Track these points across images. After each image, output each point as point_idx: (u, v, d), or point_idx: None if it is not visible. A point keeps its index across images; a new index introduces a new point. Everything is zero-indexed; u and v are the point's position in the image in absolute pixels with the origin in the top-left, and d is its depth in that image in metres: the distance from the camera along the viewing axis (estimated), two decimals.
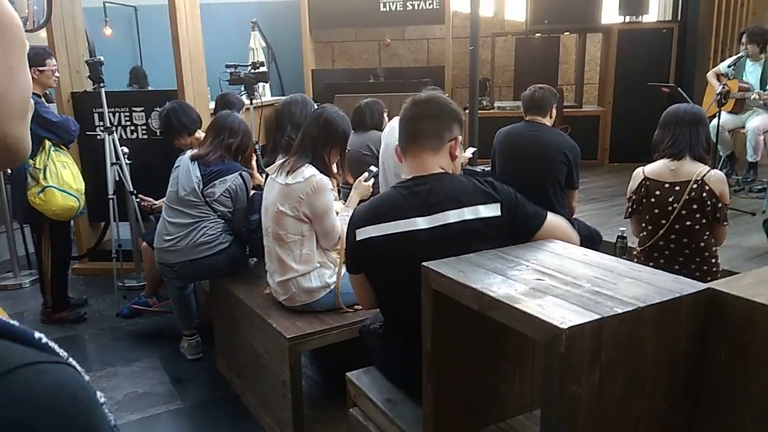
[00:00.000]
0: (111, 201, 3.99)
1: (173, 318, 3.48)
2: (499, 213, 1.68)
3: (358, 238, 1.78)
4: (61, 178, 3.51)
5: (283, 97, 7.39)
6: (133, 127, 4.57)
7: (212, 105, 4.67)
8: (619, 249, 3.10)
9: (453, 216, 1.67)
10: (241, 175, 3.06)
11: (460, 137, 1.81)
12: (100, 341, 3.71)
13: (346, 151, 2.69)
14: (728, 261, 3.47)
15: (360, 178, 2.88)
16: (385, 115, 4.50)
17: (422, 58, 8.08)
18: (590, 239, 3.43)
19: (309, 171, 2.46)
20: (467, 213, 1.67)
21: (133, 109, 4.55)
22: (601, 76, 7.25)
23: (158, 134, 4.35)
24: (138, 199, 3.92)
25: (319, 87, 7.53)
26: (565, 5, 6.73)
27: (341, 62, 8.18)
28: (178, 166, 3.12)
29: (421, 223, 1.68)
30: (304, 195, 2.44)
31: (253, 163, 3.48)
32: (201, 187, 2.99)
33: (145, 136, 4.57)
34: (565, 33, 7.30)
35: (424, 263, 1.54)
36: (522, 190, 1.84)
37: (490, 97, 7.38)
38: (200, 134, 3.52)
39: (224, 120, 3.16)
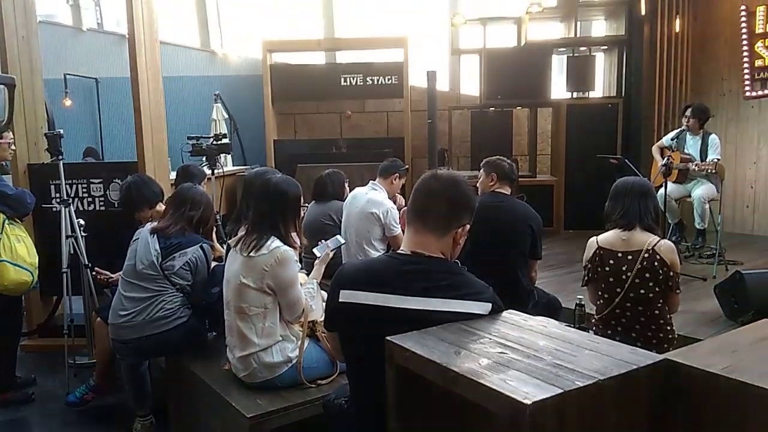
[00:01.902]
0: (65, 274, 3.86)
1: (127, 396, 3.33)
2: (487, 312, 1.67)
3: (341, 299, 1.74)
4: (15, 252, 3.40)
5: (245, 167, 7.52)
6: (90, 199, 4.50)
7: (173, 176, 4.66)
8: (578, 316, 3.15)
9: (444, 305, 1.65)
10: (201, 247, 3.03)
11: (468, 225, 1.78)
12: (49, 425, 3.50)
13: (303, 208, 2.71)
14: (683, 326, 3.57)
15: (327, 249, 2.88)
16: (347, 185, 4.57)
17: (382, 130, 8.31)
18: (550, 307, 3.49)
19: (273, 243, 2.46)
20: (458, 305, 1.65)
21: (91, 180, 4.50)
22: (552, 148, 7.58)
23: (117, 206, 4.30)
24: (93, 273, 3.81)
25: (281, 157, 7.63)
26: (516, 82, 7.10)
27: (303, 133, 8.35)
28: (137, 239, 3.07)
29: (412, 303, 1.65)
30: (269, 267, 2.43)
31: (214, 235, 3.46)
32: (160, 260, 2.94)
33: (103, 208, 4.50)
34: (518, 107, 7.66)
35: (388, 337, 1.55)
36: (488, 260, 1.87)
37: (449, 167, 7.59)
38: (161, 207, 3.49)
39: (185, 192, 3.15)
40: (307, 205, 2.81)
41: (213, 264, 3.14)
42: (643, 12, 6.67)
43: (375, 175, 4.43)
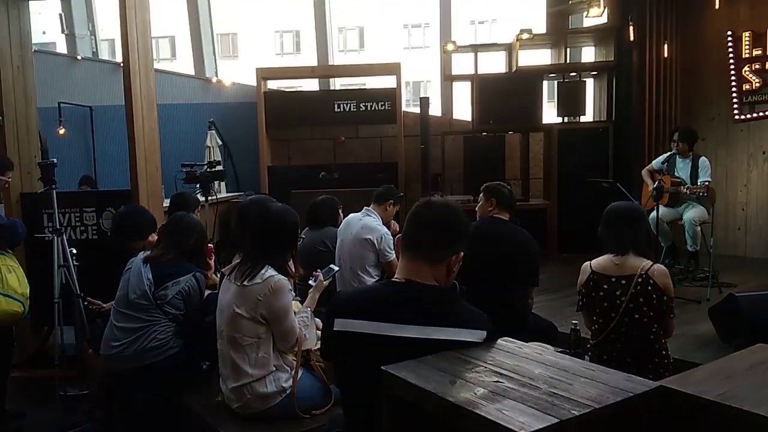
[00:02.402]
0: (56, 304, 3.83)
1: (121, 427, 3.27)
2: (481, 340, 1.67)
3: (335, 328, 1.74)
4: (6, 283, 3.38)
5: (239, 194, 7.53)
6: (83, 228, 4.49)
7: (167, 203, 4.66)
8: (573, 341, 3.13)
9: (438, 333, 1.64)
10: (195, 276, 3.02)
11: (462, 253, 1.78)
12: None
13: (300, 239, 2.71)
14: (678, 350, 3.56)
15: (320, 274, 2.88)
16: (340, 211, 4.58)
17: (376, 155, 8.35)
18: (546, 333, 3.48)
19: (267, 272, 2.45)
20: (452, 333, 1.64)
21: (84, 209, 4.49)
22: (545, 172, 7.63)
23: (109, 234, 4.28)
24: (86, 303, 3.78)
25: (276, 183, 7.65)
26: (508, 108, 7.18)
27: (297, 159, 8.37)
28: (129, 268, 3.06)
29: (406, 331, 1.64)
30: (262, 296, 2.42)
31: (211, 262, 3.44)
32: (152, 289, 2.93)
33: (96, 237, 4.48)
34: (510, 132, 7.73)
35: (383, 367, 1.54)
36: (486, 286, 1.87)
37: (442, 192, 7.62)
38: (154, 237, 3.48)
39: (179, 221, 3.15)
40: (303, 237, 2.80)
41: (207, 292, 3.12)
42: (631, 38, 6.78)
43: (369, 200, 4.44)
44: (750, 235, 7.00)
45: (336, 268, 3.02)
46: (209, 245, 3.41)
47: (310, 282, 2.90)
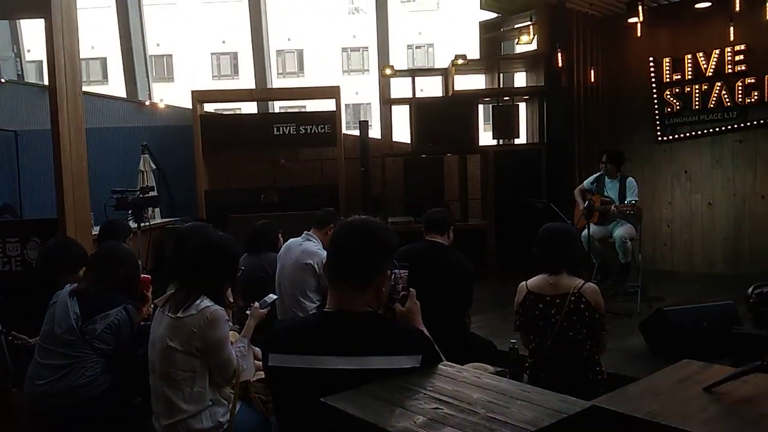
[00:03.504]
0: None
1: None
2: (418, 365, 1.65)
3: (270, 363, 1.70)
4: None
5: (175, 219, 7.33)
6: (6, 259, 4.24)
7: (96, 231, 4.47)
8: (512, 359, 3.19)
9: (373, 362, 1.62)
10: (125, 308, 2.89)
11: (389, 271, 1.75)
12: None
13: (240, 269, 2.65)
14: (612, 364, 3.67)
15: (255, 304, 2.81)
16: (280, 236, 4.52)
17: (316, 178, 8.31)
18: (486, 352, 3.52)
19: (203, 302, 2.38)
20: (387, 361, 1.62)
21: (7, 240, 4.25)
22: (482, 193, 7.80)
23: (35, 266, 4.06)
24: (9, 337, 3.54)
25: (214, 207, 7.49)
26: (446, 131, 7.34)
27: (236, 183, 8.22)
28: (55, 301, 2.90)
29: (340, 363, 1.61)
30: (197, 328, 2.34)
31: (149, 294, 3.30)
32: (79, 324, 2.78)
33: (20, 269, 4.24)
34: (448, 154, 7.88)
35: (322, 399, 1.51)
36: (424, 307, 1.88)
37: (383, 213, 7.65)
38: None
39: (108, 251, 3.03)
40: (242, 267, 2.73)
41: (141, 323, 2.99)
42: (560, 64, 7.09)
43: (310, 224, 4.40)
44: (675, 250, 7.37)
45: (274, 297, 2.97)
46: (146, 276, 3.28)
47: (248, 313, 2.83)
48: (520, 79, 8.68)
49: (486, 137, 8.07)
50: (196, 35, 23.60)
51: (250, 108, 9.78)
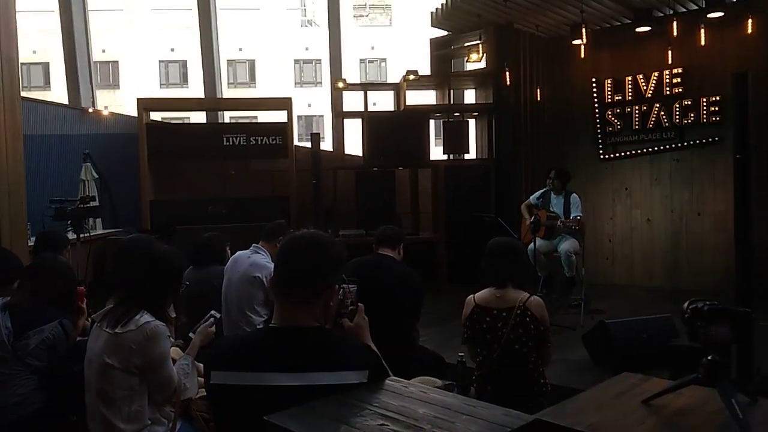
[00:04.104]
0: None
1: None
2: (365, 380, 1.63)
3: (213, 381, 1.64)
4: None
5: (117, 230, 7.08)
6: None
7: (33, 242, 4.27)
8: (460, 372, 3.22)
9: (321, 378, 1.59)
10: (61, 323, 2.76)
11: (337, 286, 1.73)
12: None
13: (185, 284, 2.58)
14: (557, 376, 3.75)
15: (202, 322, 2.73)
16: (228, 248, 4.43)
17: (267, 189, 8.21)
18: (434, 365, 3.54)
19: (143, 318, 2.30)
20: (334, 377, 1.60)
21: None
22: (433, 206, 7.89)
23: None
24: None
25: (159, 219, 7.29)
26: (397, 144, 7.40)
27: (182, 193, 8.03)
28: None
29: (286, 379, 1.58)
30: (136, 344, 2.25)
31: (83, 306, 3.17)
32: (11, 339, 2.64)
33: None
34: (399, 168, 7.94)
35: (266, 417, 1.47)
36: (373, 321, 1.86)
37: (335, 226, 7.62)
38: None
39: (43, 263, 2.90)
40: (186, 282, 2.65)
41: (78, 339, 2.86)
42: (508, 82, 7.27)
43: (259, 237, 4.33)
44: (616, 264, 7.63)
45: (217, 315, 2.89)
46: (80, 287, 3.15)
47: (190, 335, 2.74)
48: (470, 96, 8.85)
49: (437, 152, 8.18)
50: (144, 42, 23.06)
51: (198, 118, 9.59)
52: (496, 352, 2.83)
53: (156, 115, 8.27)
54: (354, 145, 8.28)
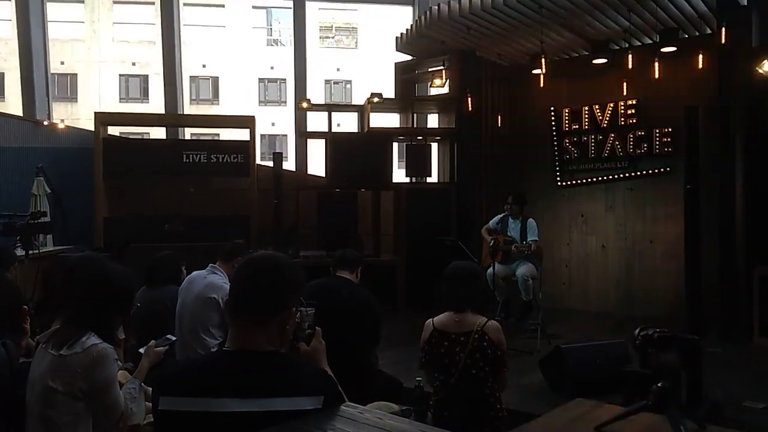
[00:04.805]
0: None
1: None
2: (320, 406, 1.59)
3: (161, 407, 1.58)
4: None
5: (69, 247, 6.85)
6: None
7: None
8: (417, 397, 3.20)
9: (274, 404, 1.55)
10: (4, 344, 2.62)
11: (294, 309, 1.70)
12: None
13: (136, 306, 2.50)
14: (513, 400, 3.77)
15: (151, 343, 2.65)
16: (183, 268, 4.33)
17: (227, 208, 8.10)
18: (392, 389, 3.51)
19: (90, 340, 2.21)
20: (288, 403, 1.55)
21: None
22: (395, 229, 7.92)
23: None
24: None
25: (113, 236, 7.09)
26: (360, 166, 7.43)
27: (139, 210, 7.85)
28: None
29: (238, 405, 1.53)
30: (82, 368, 2.16)
31: (26, 326, 3.03)
32: None
33: None
34: (362, 189, 7.96)
35: None
36: (330, 345, 1.83)
37: (296, 246, 7.55)
38: None
39: None
40: (138, 304, 2.57)
41: (21, 361, 2.73)
42: (470, 108, 7.40)
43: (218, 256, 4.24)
44: (573, 288, 7.77)
45: (172, 338, 2.81)
46: (24, 306, 3.02)
47: (141, 351, 2.66)
48: (433, 120, 8.98)
49: (399, 174, 8.23)
50: (104, 55, 22.64)
51: (158, 134, 9.43)
52: (453, 376, 2.83)
53: (114, 130, 8.10)
54: (317, 166, 8.27)
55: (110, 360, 2.21)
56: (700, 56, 6.28)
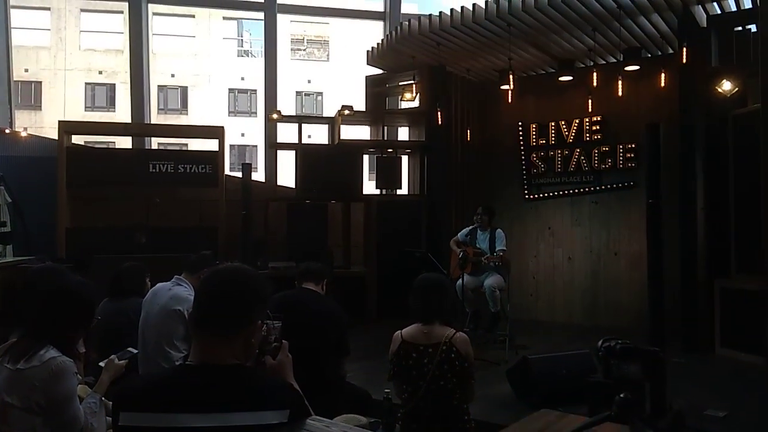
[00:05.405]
0: None
1: None
2: (285, 420, 1.56)
3: (121, 423, 1.54)
4: None
5: (30, 258, 6.65)
6: None
7: None
8: (386, 409, 3.19)
9: (238, 418, 1.51)
10: None
11: (260, 322, 1.67)
12: None
13: (97, 319, 2.43)
14: (481, 412, 3.78)
15: (112, 357, 2.58)
16: (148, 280, 4.24)
17: (194, 219, 7.99)
18: (360, 401, 3.49)
19: (48, 353, 2.15)
20: (252, 417, 1.52)
21: None
22: (365, 241, 7.91)
23: None
24: None
25: (76, 247, 6.92)
26: (331, 178, 7.42)
27: (103, 221, 7.67)
28: None
29: (201, 421, 1.50)
30: (40, 381, 2.09)
31: None
32: None
33: None
34: (332, 201, 7.94)
35: None
36: (297, 356, 1.81)
37: (264, 257, 7.48)
38: None
39: None
40: (98, 317, 2.50)
41: None
42: (440, 122, 7.48)
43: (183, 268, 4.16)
44: (539, 300, 7.86)
45: (134, 351, 2.74)
46: None
47: (101, 364, 2.59)
48: (404, 133, 9.04)
49: (370, 186, 8.25)
50: (70, 63, 22.21)
51: (125, 143, 9.26)
52: (421, 388, 2.83)
53: (79, 139, 7.93)
54: (287, 177, 8.23)
55: (69, 374, 2.15)
56: (662, 75, 6.47)
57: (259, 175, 9.33)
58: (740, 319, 5.52)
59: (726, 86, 5.74)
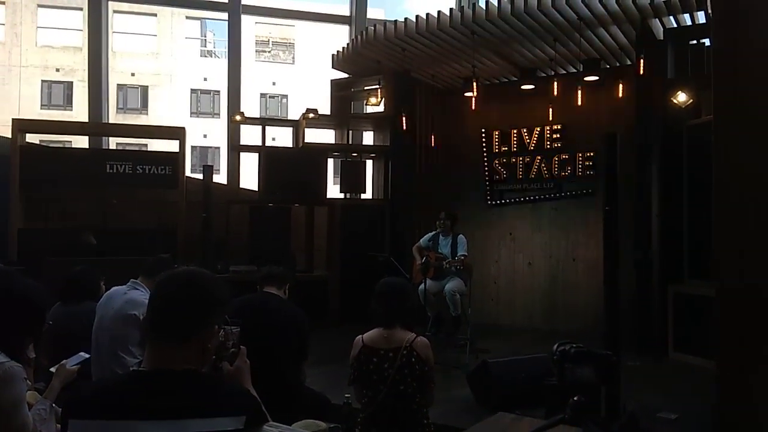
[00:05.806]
0: None
1: None
2: (241, 426, 1.53)
3: (69, 430, 1.49)
4: None
5: None
6: None
7: None
8: (345, 414, 3.18)
9: (192, 425, 1.48)
10: None
11: (218, 327, 1.64)
12: None
13: (48, 323, 2.35)
14: (441, 416, 3.79)
15: (63, 362, 2.50)
16: (102, 283, 4.12)
17: (153, 221, 7.80)
18: (318, 406, 3.47)
19: None
20: (208, 424, 1.49)
21: None
22: (328, 245, 7.88)
23: None
24: None
25: (28, 249, 6.69)
26: (294, 181, 7.37)
27: (56, 222, 7.43)
28: None
29: (154, 428, 1.47)
30: None
31: None
32: None
33: None
34: (295, 204, 7.89)
35: None
36: (256, 360, 1.79)
37: (225, 261, 7.37)
38: None
39: None
40: (50, 322, 2.42)
41: None
42: (404, 127, 7.52)
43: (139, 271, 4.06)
44: (501, 305, 7.97)
45: (85, 356, 2.66)
46: None
47: (52, 370, 2.50)
48: (368, 138, 9.05)
49: (334, 190, 8.23)
50: (26, 60, 21.52)
51: (82, 143, 9.01)
52: (381, 393, 2.82)
53: (34, 138, 7.67)
54: (250, 180, 8.13)
55: (18, 379, 2.07)
56: (620, 85, 6.65)
57: (221, 178, 9.19)
58: (692, 323, 5.69)
59: (681, 98, 5.92)
